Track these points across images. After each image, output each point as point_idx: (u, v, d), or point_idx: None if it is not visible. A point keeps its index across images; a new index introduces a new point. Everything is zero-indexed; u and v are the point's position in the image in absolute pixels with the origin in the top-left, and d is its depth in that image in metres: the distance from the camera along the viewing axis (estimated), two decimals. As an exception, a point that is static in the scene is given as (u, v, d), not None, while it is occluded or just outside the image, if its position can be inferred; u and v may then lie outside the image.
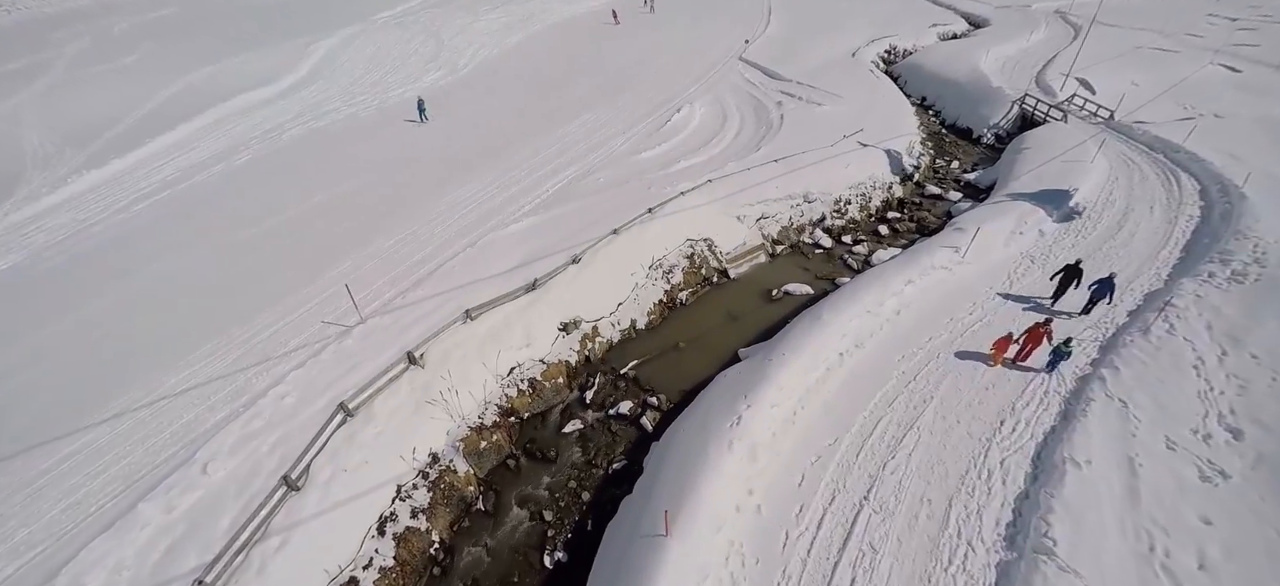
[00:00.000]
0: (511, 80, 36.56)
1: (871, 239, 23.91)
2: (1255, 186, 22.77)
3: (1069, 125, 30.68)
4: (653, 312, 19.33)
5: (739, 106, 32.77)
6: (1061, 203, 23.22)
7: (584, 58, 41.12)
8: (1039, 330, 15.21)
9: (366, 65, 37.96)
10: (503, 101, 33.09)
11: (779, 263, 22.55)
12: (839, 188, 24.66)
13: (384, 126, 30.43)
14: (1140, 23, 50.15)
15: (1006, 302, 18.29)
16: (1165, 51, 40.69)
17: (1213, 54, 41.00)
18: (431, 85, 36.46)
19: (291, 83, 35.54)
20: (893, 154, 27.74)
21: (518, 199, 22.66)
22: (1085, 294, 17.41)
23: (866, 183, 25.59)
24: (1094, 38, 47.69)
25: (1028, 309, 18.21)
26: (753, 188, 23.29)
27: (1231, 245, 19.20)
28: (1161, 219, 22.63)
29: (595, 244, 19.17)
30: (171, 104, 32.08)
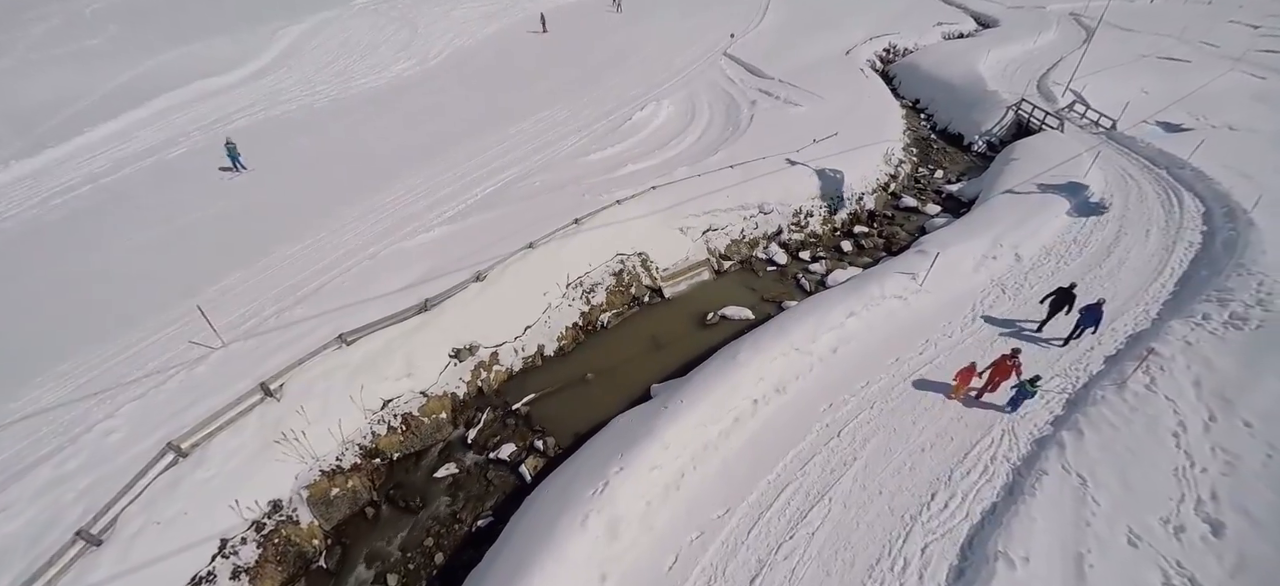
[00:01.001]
0: (480, 73, 34.31)
1: (832, 256, 21.30)
2: (1266, 211, 19.75)
3: (1066, 135, 27.59)
4: (564, 337, 17.03)
5: (711, 105, 30.16)
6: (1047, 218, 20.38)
7: (563, 49, 38.67)
8: (1006, 362, 13.00)
9: (334, 53, 35.96)
10: (461, 96, 30.86)
11: (724, 281, 20.08)
12: (800, 198, 22.06)
13: (337, 118, 28.38)
14: (1158, 28, 46.29)
15: (966, 337, 15.68)
16: (1174, 62, 36.95)
17: (1233, 62, 37.28)
18: (398, 76, 34.38)
19: (254, 69, 33.67)
20: (866, 161, 24.94)
21: (442, 204, 20.46)
22: (1073, 321, 15.32)
23: (832, 192, 22.89)
24: (1109, 42, 44.21)
25: (1008, 334, 15.74)
26: (702, 196, 20.79)
27: (1232, 282, 16.32)
28: (1157, 245, 19.72)
29: (505, 260, 16.87)
30: (124, 90, 30.36)
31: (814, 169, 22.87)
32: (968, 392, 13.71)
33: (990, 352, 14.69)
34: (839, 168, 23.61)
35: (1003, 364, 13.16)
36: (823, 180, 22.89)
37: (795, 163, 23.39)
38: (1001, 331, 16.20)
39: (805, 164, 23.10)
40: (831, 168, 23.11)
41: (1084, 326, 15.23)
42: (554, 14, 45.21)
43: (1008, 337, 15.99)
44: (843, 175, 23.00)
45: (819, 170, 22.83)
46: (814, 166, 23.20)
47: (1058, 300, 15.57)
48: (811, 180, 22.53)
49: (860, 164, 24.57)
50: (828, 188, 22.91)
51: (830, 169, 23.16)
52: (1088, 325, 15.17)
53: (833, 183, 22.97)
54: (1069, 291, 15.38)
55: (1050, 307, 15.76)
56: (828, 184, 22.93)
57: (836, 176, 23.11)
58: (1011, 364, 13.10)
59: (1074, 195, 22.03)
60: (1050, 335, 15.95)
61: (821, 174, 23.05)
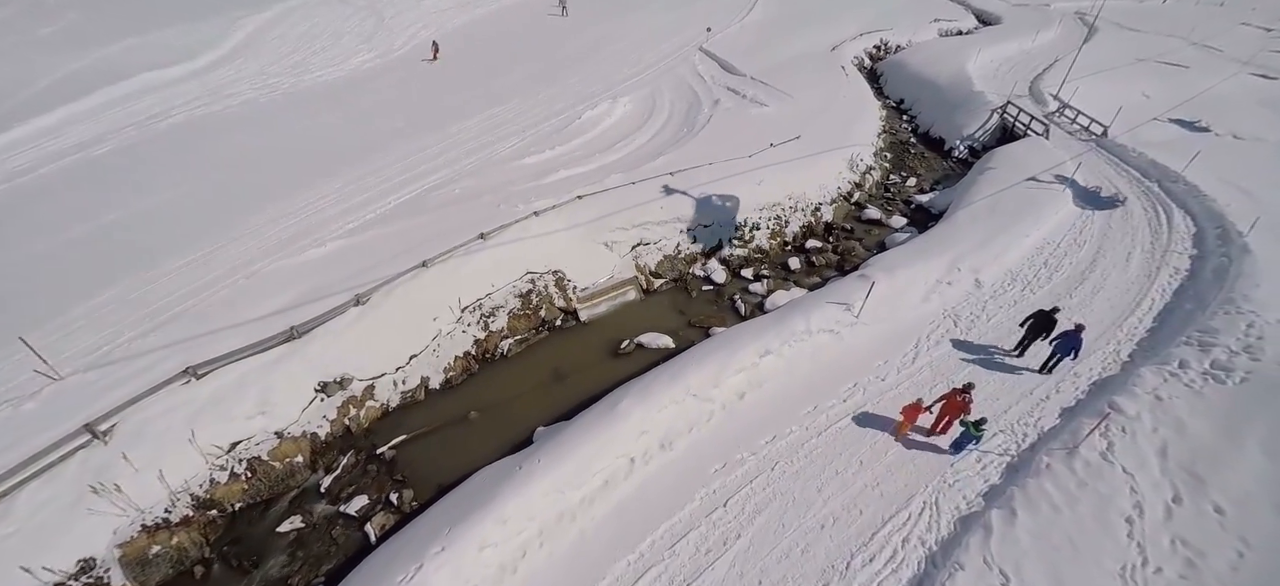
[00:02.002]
0: (440, 66, 32.14)
1: (777, 274, 19.00)
2: (1264, 235, 17.14)
3: (1050, 143, 24.86)
4: (453, 368, 14.97)
5: (672, 103, 27.79)
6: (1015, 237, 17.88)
7: (533, 41, 36.40)
8: (957, 398, 11.11)
9: (295, 43, 33.98)
10: (414, 91, 28.75)
11: (652, 302, 17.89)
12: (746, 209, 19.70)
13: (279, 115, 26.42)
14: (1166, 28, 42.89)
15: (903, 379, 13.40)
16: (1173, 66, 33.79)
17: (1240, 65, 34.06)
18: (357, 68, 32.33)
19: (209, 61, 31.76)
20: (826, 168, 22.49)
21: (354, 213, 18.46)
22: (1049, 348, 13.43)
23: (784, 203, 20.54)
24: (1111, 43, 40.97)
25: (976, 361, 13.55)
26: (634, 207, 18.55)
27: (1218, 321, 13.82)
28: (1139, 271, 17.19)
29: (392, 281, 14.82)
30: (68, 81, 28.61)
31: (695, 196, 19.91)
32: (913, 430, 11.89)
33: (936, 391, 12.41)
34: (796, 172, 21.21)
35: (953, 399, 11.23)
36: (700, 210, 19.33)
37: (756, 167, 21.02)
38: (969, 356, 14.00)
39: (757, 169, 20.70)
40: (722, 193, 19.72)
41: (1061, 355, 13.17)
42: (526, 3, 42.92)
43: (975, 364, 13.78)
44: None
45: (701, 198, 19.40)
46: (771, 171, 20.81)
47: (1036, 324, 13.61)
48: (761, 188, 20.14)
49: (820, 171, 22.13)
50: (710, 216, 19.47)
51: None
52: (1064, 353, 13.09)
53: (719, 212, 19.49)
54: (1050, 315, 13.38)
55: (1028, 331, 13.82)
56: (709, 213, 19.44)
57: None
58: (962, 400, 11.13)
59: (1049, 211, 19.45)
60: (1024, 363, 13.84)
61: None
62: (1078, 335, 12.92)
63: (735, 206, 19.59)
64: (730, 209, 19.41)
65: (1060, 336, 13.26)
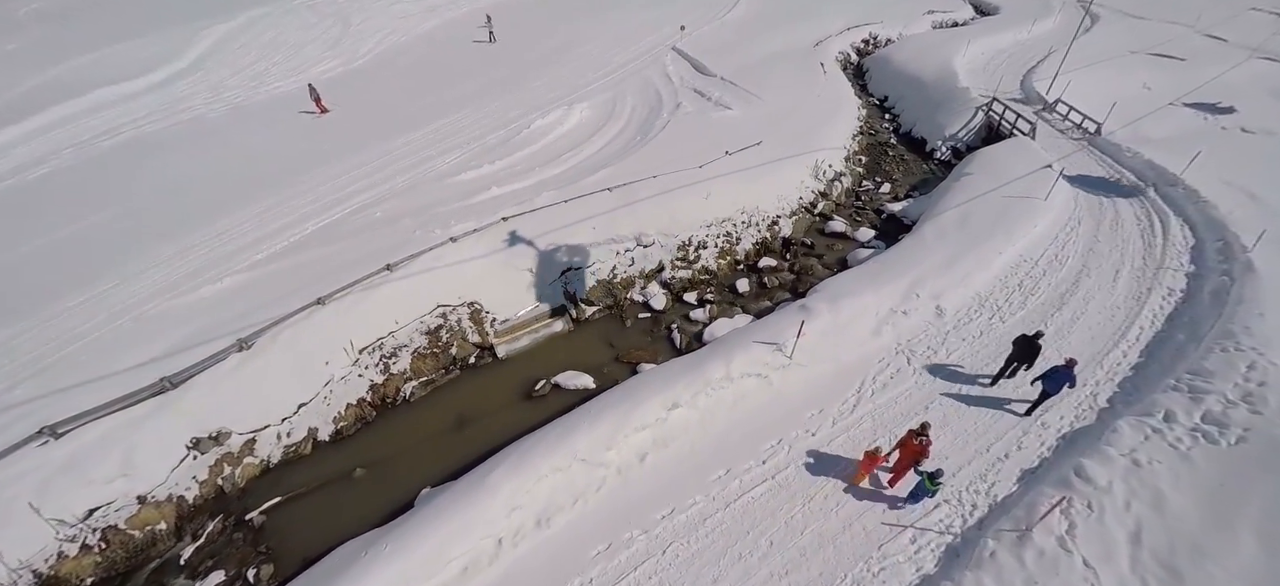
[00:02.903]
0: (400, 75, 30.42)
1: (724, 298, 16.96)
2: (1271, 250, 14.71)
3: (1036, 143, 22.38)
4: (344, 418, 13.19)
5: (633, 108, 25.73)
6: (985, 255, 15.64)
7: (503, 44, 34.47)
8: (912, 442, 9.49)
9: (258, 53, 32.48)
10: (367, 101, 27.02)
11: (581, 334, 15.99)
12: (691, 226, 17.69)
13: (225, 131, 24.85)
14: (1171, 16, 39.66)
15: (839, 432, 11.35)
16: (1168, 59, 30.84)
17: (1249, 51, 31.02)
18: (317, 78, 30.57)
19: (169, 73, 30.39)
20: (787, 177, 20.32)
21: (269, 240, 16.81)
22: (1038, 386, 11.40)
23: (736, 218, 18.45)
24: (1114, 32, 37.93)
25: (950, 394, 11.59)
26: (565, 228, 16.61)
27: (1212, 360, 11.55)
28: (1126, 294, 14.87)
29: (283, 321, 13.10)
30: (23, 100, 27.40)
31: (728, 183, 18.29)
32: (870, 477, 10.30)
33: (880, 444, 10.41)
34: (751, 184, 19.07)
35: (909, 443, 9.58)
36: (748, 192, 18.19)
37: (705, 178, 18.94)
38: (943, 385, 11.96)
39: (704, 181, 18.62)
40: (751, 179, 18.21)
41: (1049, 394, 11.20)
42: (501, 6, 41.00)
43: (948, 396, 11.74)
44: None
45: (735, 182, 18.05)
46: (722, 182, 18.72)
47: (1017, 350, 11.71)
48: (709, 203, 18.07)
49: (780, 180, 19.98)
50: (753, 205, 18.30)
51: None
52: (1054, 391, 11.12)
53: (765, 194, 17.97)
54: (1032, 340, 11.46)
55: (1007, 358, 11.96)
56: (750, 200, 18.24)
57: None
58: (918, 444, 9.47)
59: (1028, 223, 17.11)
60: (999, 396, 11.94)
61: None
62: (1069, 371, 10.86)
63: (675, 224, 17.53)
64: (670, 227, 17.36)
65: (1048, 373, 11.14)
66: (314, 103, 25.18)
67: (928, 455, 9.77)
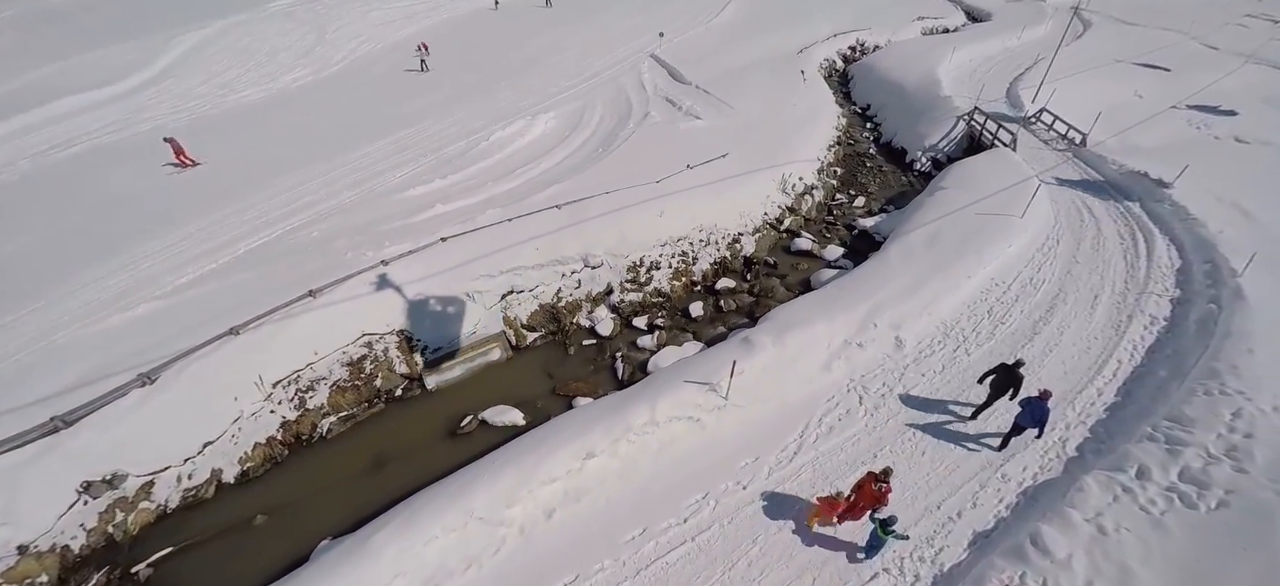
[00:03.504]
0: (370, 83, 29.35)
1: (676, 323, 15.71)
2: (1262, 274, 13.35)
3: (1017, 155, 21.01)
4: (251, 459, 12.02)
5: (602, 118, 24.55)
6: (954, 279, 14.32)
7: (475, 53, 33.38)
8: (870, 487, 8.45)
9: (230, 61, 31.48)
10: (333, 112, 25.90)
11: (519, 362, 14.79)
12: (643, 245, 16.45)
13: (186, 140, 23.71)
14: (1164, 22, 38.18)
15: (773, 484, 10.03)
16: (1154, 69, 29.34)
17: (1242, 58, 29.53)
18: (286, 87, 29.68)
19: (138, 82, 29.40)
20: (751, 191, 19.06)
21: (196, 262, 15.67)
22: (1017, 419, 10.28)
23: (694, 236, 17.20)
24: (1105, 39, 36.48)
25: (922, 427, 10.39)
26: (506, 249, 15.40)
27: (1194, 406, 10.22)
28: (1104, 322, 13.52)
29: (191, 352, 11.96)
30: (-13, 110, 26.51)
31: (686, 199, 17.14)
32: (828, 523, 9.16)
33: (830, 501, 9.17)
34: (713, 199, 17.80)
35: (867, 487, 8.52)
36: (709, 208, 17.19)
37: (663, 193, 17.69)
38: (897, 428, 10.71)
39: (661, 197, 17.37)
40: (713, 195, 17.12)
41: (1023, 427, 10.04)
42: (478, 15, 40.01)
43: (901, 441, 10.47)
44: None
45: (694, 198, 16.88)
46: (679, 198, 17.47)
47: (999, 381, 10.50)
48: (663, 220, 16.83)
49: (744, 194, 18.71)
50: (712, 222, 17.18)
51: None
52: (1028, 425, 9.96)
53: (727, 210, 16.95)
54: (1014, 370, 10.28)
55: (991, 389, 10.72)
56: (709, 217, 17.12)
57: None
58: (877, 490, 8.37)
59: (1002, 242, 15.76)
60: (965, 435, 10.81)
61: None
62: (1042, 404, 9.69)
63: (625, 243, 16.29)
64: (619, 246, 16.12)
65: (1023, 405, 9.94)
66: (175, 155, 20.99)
67: (886, 503, 8.58)
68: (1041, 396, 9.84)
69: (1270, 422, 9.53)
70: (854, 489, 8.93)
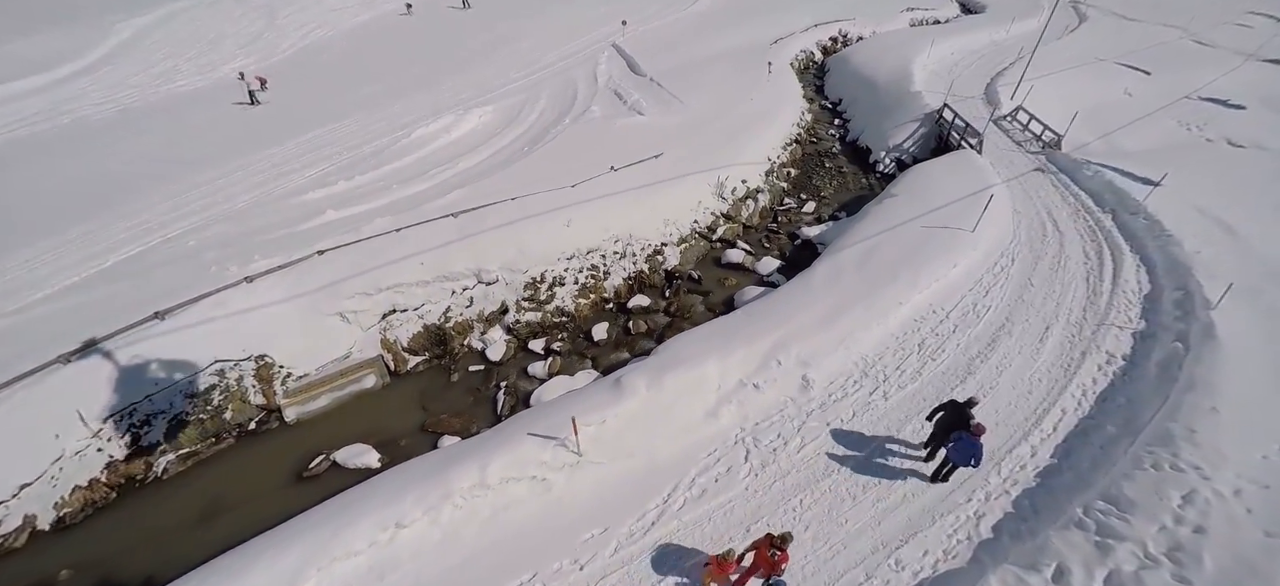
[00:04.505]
0: (316, 72, 27.44)
1: (576, 347, 13.81)
2: (1240, 307, 11.21)
3: (986, 157, 18.77)
4: (69, 504, 10.35)
5: (542, 112, 22.55)
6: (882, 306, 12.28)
7: (432, 40, 31.35)
8: (765, 551, 7.23)
9: (174, 47, 29.62)
10: (262, 106, 24.03)
11: (394, 390, 13.04)
12: (545, 259, 14.50)
13: (104, 135, 21.89)
14: (1163, 17, 35.36)
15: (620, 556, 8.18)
16: (1133, 71, 26.72)
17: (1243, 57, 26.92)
18: (227, 76, 27.67)
19: (71, 70, 27.55)
20: (687, 195, 17.03)
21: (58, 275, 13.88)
22: None
23: (607, 248, 15.23)
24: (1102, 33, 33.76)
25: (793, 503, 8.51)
26: (388, 264, 13.53)
27: (1137, 485, 8.23)
28: (1052, 360, 11.46)
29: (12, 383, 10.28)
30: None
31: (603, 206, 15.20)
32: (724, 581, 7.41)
33: None
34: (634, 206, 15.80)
35: (763, 551, 7.18)
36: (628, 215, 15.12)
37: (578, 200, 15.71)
38: (786, 491, 8.86)
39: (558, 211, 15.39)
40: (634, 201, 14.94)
41: (954, 462, 8.56)
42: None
43: (788, 508, 8.60)
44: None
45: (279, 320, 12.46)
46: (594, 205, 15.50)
47: (946, 421, 8.84)
48: (569, 231, 14.87)
49: (672, 200, 16.69)
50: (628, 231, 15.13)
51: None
52: (961, 461, 8.41)
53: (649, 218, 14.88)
54: (964, 409, 8.59)
55: (936, 428, 9.04)
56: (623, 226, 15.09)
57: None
58: (773, 557, 7.07)
59: (948, 254, 13.67)
60: (885, 502, 9.08)
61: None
62: (975, 441, 8.10)
63: (524, 256, 14.35)
64: (517, 260, 14.17)
65: (954, 440, 8.07)
66: None
67: (781, 573, 7.20)
68: (975, 432, 8.16)
69: (1228, 512, 7.50)
70: (749, 549, 7.30)
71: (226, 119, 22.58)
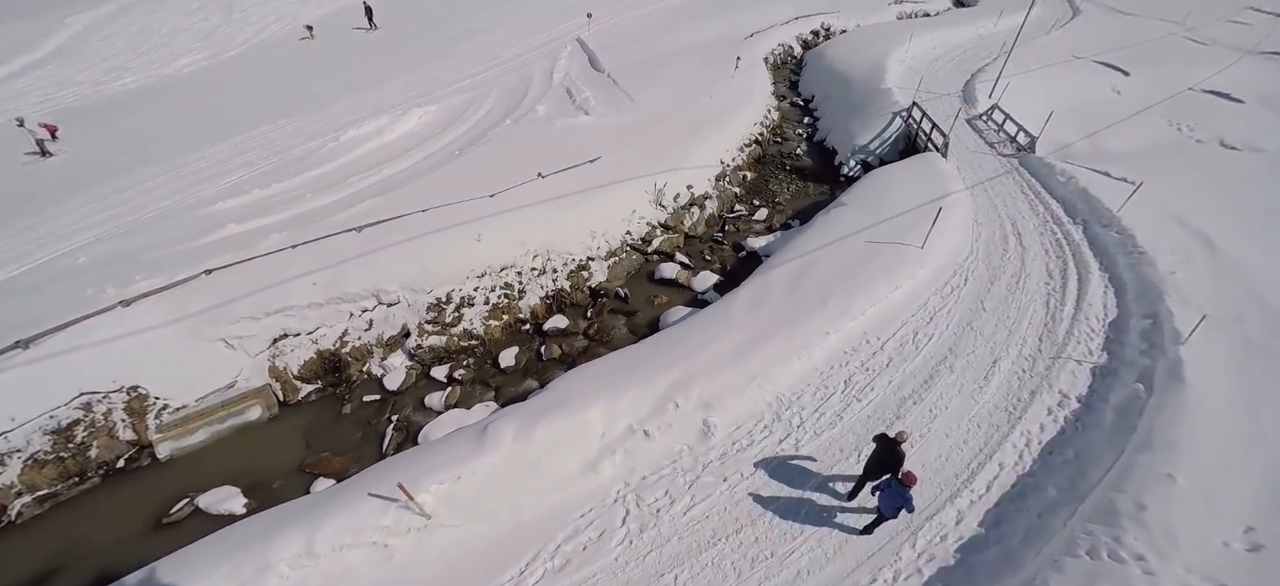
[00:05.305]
0: (263, 70, 26.06)
1: (482, 374, 12.45)
2: (1214, 339, 9.59)
3: (952, 160, 17.12)
4: None
5: (488, 112, 21.10)
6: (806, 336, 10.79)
7: (391, 35, 29.84)
8: None
9: (125, 42, 28.34)
10: (203, 104, 22.67)
11: (281, 423, 11.82)
12: (453, 277, 13.10)
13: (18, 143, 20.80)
14: (1159, 13, 33.21)
15: None
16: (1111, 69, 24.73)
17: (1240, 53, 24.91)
18: (177, 72, 26.52)
19: (16, 67, 26.34)
20: (621, 204, 15.55)
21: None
22: None
23: (524, 263, 13.80)
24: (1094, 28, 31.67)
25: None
26: (280, 285, 12.21)
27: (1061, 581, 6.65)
28: (996, 401, 9.96)
29: None
30: None
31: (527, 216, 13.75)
32: None
33: None
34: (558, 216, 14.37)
35: None
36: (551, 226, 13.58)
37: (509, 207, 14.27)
38: (667, 560, 7.56)
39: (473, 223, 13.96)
40: (179, 341, 13.22)
41: (882, 512, 7.40)
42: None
43: (687, 570, 7.28)
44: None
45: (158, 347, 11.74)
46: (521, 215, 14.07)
47: (877, 457, 7.70)
48: (480, 246, 13.45)
49: (604, 210, 15.22)
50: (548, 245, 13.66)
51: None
52: (887, 511, 7.32)
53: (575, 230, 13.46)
54: (894, 446, 7.41)
55: (866, 465, 7.90)
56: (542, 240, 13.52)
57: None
58: None
59: (890, 275, 12.13)
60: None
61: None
62: (904, 492, 6.93)
63: (428, 275, 12.96)
64: (420, 279, 12.80)
65: (882, 488, 6.75)
66: None
67: None
68: (904, 481, 6.87)
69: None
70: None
71: (161, 121, 21.28)
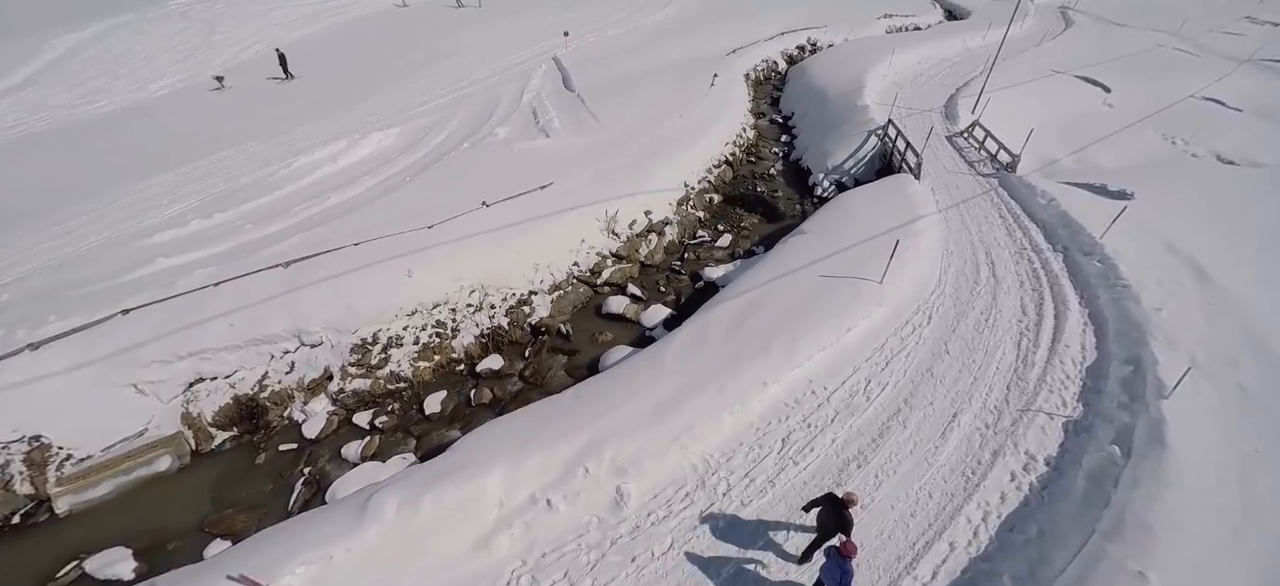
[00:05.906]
0: (236, 93, 25.51)
1: (406, 421, 11.46)
2: (1203, 390, 8.35)
3: (920, 184, 15.95)
4: None
5: (450, 135, 20.30)
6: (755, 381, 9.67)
7: (367, 56, 29.31)
8: None
9: (103, 67, 27.95)
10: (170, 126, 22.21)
11: (193, 474, 10.97)
12: (381, 316, 12.17)
13: None
14: (1153, 23, 31.83)
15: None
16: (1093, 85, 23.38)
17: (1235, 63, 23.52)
18: (152, 96, 26.04)
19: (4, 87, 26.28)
20: (569, 234, 14.56)
21: None
22: None
23: (458, 300, 12.83)
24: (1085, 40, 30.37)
25: None
26: (194, 326, 11.37)
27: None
28: (953, 464, 8.77)
29: None
30: None
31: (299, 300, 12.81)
32: None
33: None
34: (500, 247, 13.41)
35: None
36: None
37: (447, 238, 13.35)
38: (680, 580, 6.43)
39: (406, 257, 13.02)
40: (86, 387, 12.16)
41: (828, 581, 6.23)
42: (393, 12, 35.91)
43: None
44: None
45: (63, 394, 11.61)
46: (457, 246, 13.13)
47: (825, 518, 6.87)
48: (412, 282, 12.50)
49: (549, 240, 14.23)
50: (484, 279, 12.73)
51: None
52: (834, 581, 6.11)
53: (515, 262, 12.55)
54: (842, 508, 6.54)
55: (818, 526, 7.03)
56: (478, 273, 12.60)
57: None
58: None
59: (844, 314, 10.98)
60: None
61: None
62: (846, 563, 5.95)
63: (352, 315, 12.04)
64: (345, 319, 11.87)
65: (826, 556, 5.70)
66: None
67: None
68: (843, 552, 5.70)
69: None
70: None
71: (127, 146, 20.69)
